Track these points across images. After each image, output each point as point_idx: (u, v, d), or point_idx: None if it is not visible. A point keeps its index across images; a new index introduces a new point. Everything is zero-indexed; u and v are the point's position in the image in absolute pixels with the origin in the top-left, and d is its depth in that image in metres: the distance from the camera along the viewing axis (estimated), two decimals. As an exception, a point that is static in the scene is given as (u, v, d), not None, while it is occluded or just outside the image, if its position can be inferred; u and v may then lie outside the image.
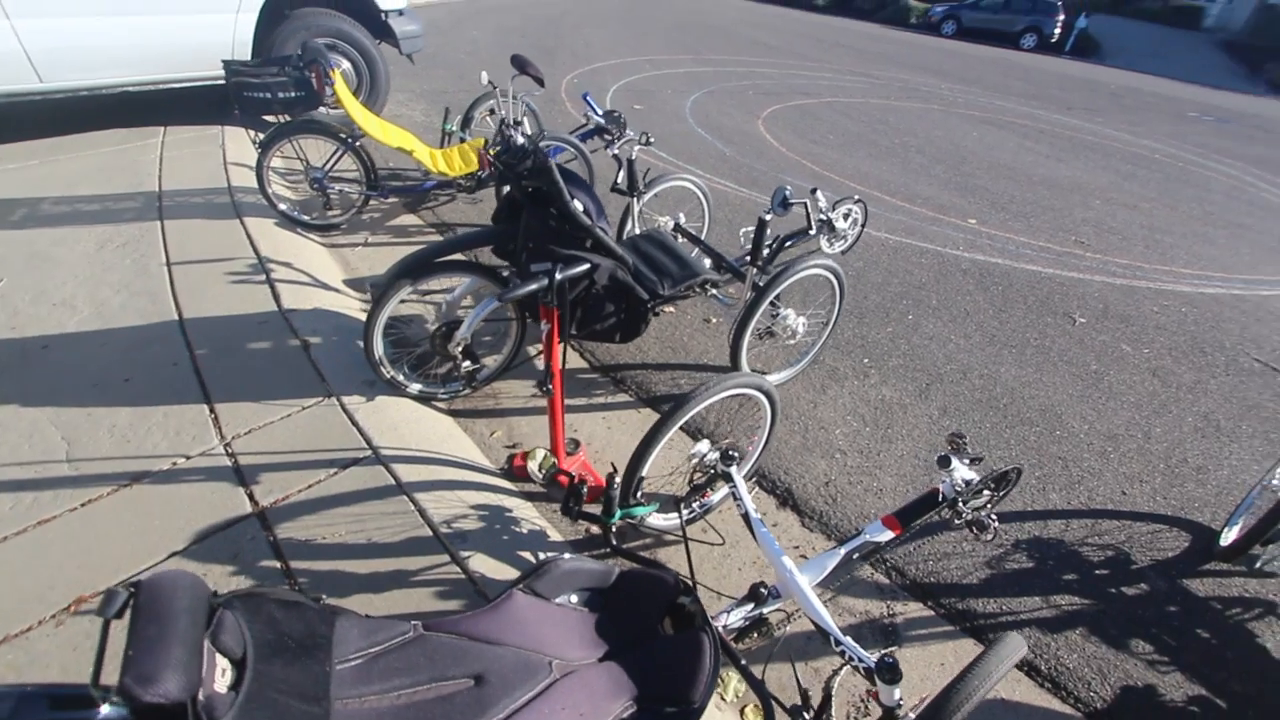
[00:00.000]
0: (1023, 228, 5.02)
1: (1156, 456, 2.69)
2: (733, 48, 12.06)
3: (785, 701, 1.34)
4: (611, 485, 1.70)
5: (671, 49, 11.01)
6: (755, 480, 2.35)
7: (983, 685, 1.10)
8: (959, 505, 1.66)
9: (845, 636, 1.48)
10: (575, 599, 1.58)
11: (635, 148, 2.93)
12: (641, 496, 1.90)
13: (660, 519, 2.02)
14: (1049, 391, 3.01)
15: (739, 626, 1.64)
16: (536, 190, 2.11)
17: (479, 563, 1.86)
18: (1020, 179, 6.27)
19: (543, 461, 2.18)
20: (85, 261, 3.13)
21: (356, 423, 2.30)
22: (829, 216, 2.93)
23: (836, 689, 1.32)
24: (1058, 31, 20.96)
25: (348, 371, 2.56)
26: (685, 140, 6.14)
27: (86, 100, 4.40)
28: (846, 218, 3.04)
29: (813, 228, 2.48)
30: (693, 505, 2.03)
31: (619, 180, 3.00)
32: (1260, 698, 1.81)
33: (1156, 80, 16.72)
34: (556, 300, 1.82)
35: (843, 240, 3.11)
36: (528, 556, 1.92)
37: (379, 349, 2.31)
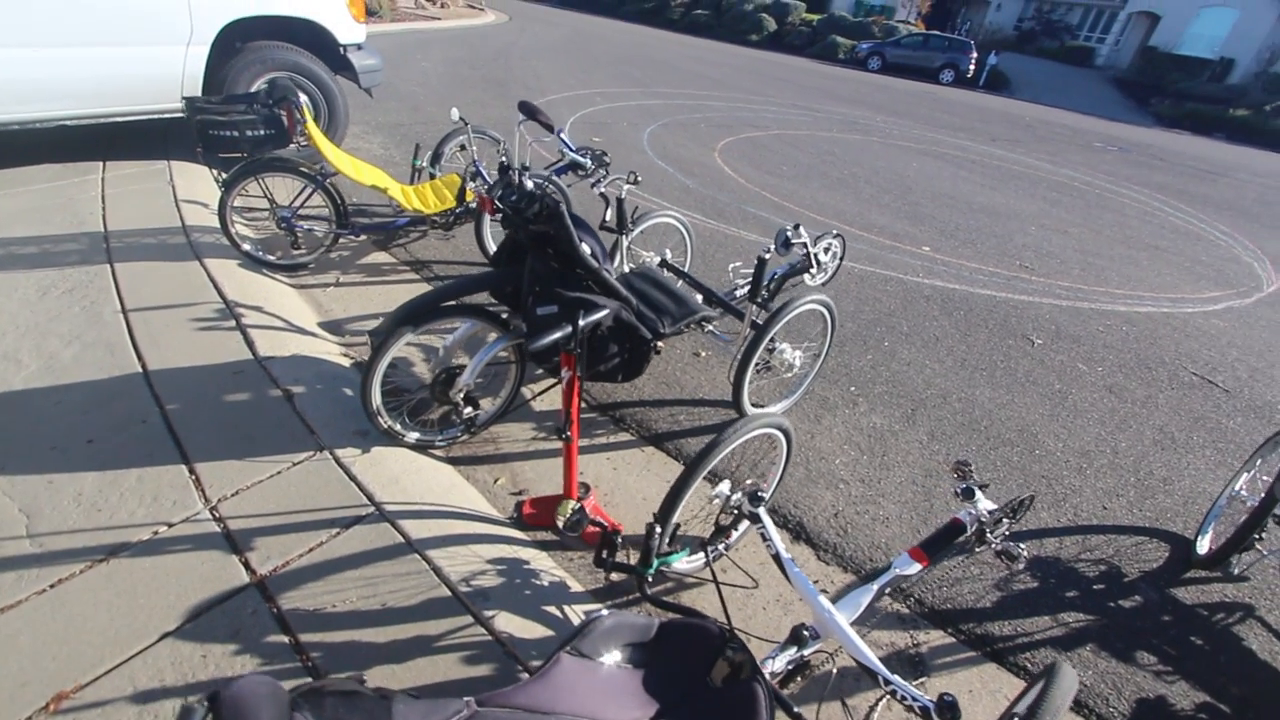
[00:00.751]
0: (972, 254, 5.31)
1: (1126, 470, 2.86)
2: (679, 81, 12.40)
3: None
4: (652, 535, 1.67)
5: (620, 82, 11.22)
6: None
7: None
8: (987, 535, 1.71)
9: (894, 675, 1.50)
10: (619, 656, 1.53)
11: (625, 186, 2.95)
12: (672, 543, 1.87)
13: (684, 563, 2.00)
14: (1022, 412, 3.17)
15: (784, 671, 1.62)
16: (543, 234, 2.08)
17: (504, 622, 1.78)
18: (961, 207, 6.66)
19: (568, 510, 2.11)
20: (26, 310, 2.88)
21: (354, 477, 2.18)
22: (813, 251, 3.03)
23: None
24: (972, 68, 22.63)
25: (337, 421, 2.43)
26: (647, 173, 6.23)
27: (15, 134, 4.10)
28: (827, 251, 3.16)
29: (813, 265, 2.54)
30: (718, 547, 2.02)
31: (607, 218, 3.01)
32: (1257, 699, 1.92)
33: (1062, 113, 18.21)
34: (578, 346, 1.79)
35: (824, 273, 3.22)
36: (553, 611, 1.85)
37: (377, 398, 2.21)
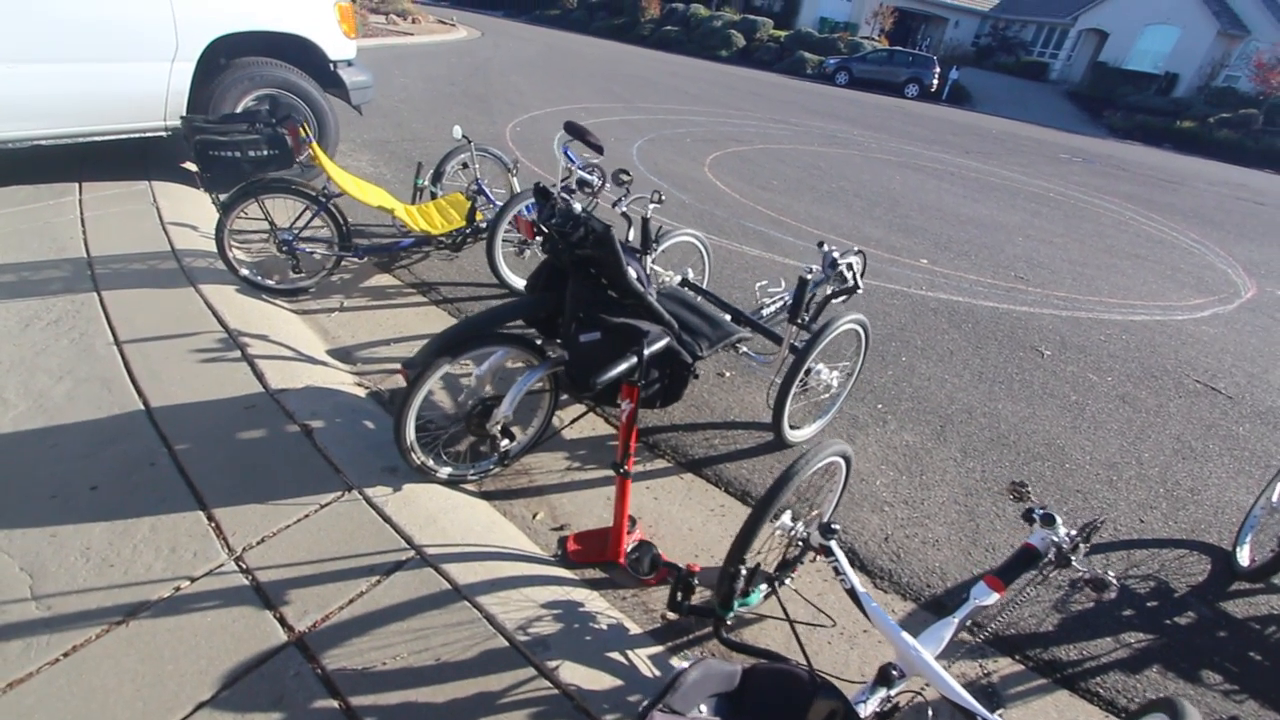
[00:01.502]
0: (968, 265, 5.38)
1: (1154, 481, 2.87)
2: (659, 96, 12.45)
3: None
4: (736, 577, 1.58)
5: (602, 97, 11.21)
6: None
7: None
8: (1073, 563, 1.67)
9: (994, 715, 1.43)
10: (707, 709, 1.44)
11: (650, 206, 2.89)
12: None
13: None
14: (1045, 425, 3.17)
15: (874, 715, 1.55)
16: (587, 258, 2.00)
17: (569, 673, 1.67)
18: (949, 219, 6.77)
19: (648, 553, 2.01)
20: (8, 343, 2.67)
21: (389, 518, 2.05)
22: (855, 271, 3.01)
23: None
24: (935, 82, 23.30)
25: (362, 458, 2.29)
26: (643, 189, 6.18)
27: (-16, 155, 3.86)
28: (850, 269, 3.14)
29: (859, 286, 2.50)
30: (785, 583, 1.94)
31: (630, 238, 2.93)
32: (1324, 716, 1.91)
33: (1024, 125, 18.83)
34: (641, 378, 1.71)
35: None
36: (617, 658, 1.75)
37: (411, 433, 2.09)
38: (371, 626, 1.73)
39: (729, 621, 1.64)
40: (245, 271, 3.25)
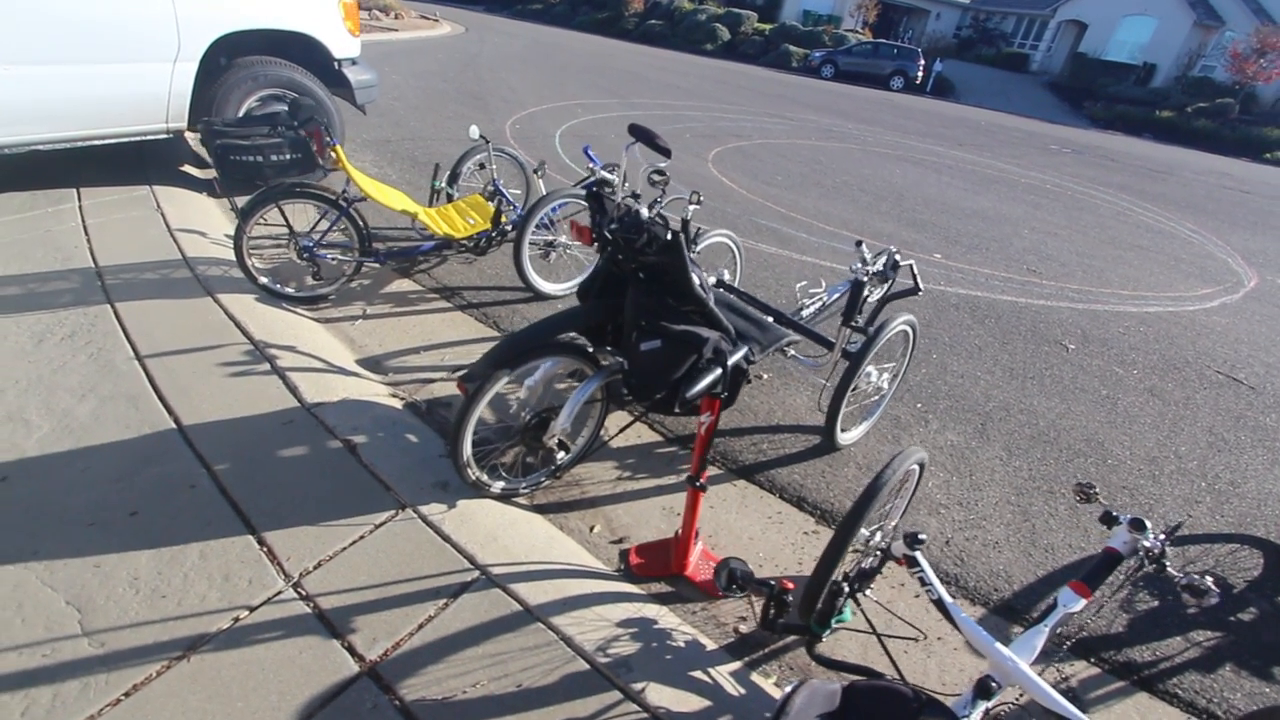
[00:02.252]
0: (981, 259, 5.39)
1: (1195, 475, 2.88)
2: (651, 92, 12.36)
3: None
4: (839, 593, 1.53)
5: (595, 93, 11.10)
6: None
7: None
8: (1168, 568, 1.64)
9: (1101, 727, 1.40)
10: (811, 732, 1.40)
11: (691, 207, 2.82)
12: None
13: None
14: (1082, 421, 3.17)
15: (978, 730, 1.51)
16: (652, 265, 1.94)
17: (656, 695, 1.62)
18: (954, 212, 6.78)
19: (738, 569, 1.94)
20: (22, 361, 2.55)
21: (448, 537, 1.98)
22: (880, 267, 2.97)
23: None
24: (920, 74, 23.41)
25: (411, 474, 2.21)
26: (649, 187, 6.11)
27: (-22, 161, 3.69)
28: (884, 267, 3.11)
29: (920, 287, 2.46)
30: (866, 594, 1.90)
31: (667, 239, 2.86)
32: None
33: (1008, 117, 18.99)
34: (724, 389, 1.65)
35: (877, 288, 3.17)
36: (700, 677, 1.70)
37: (468, 448, 2.01)
38: (446, 653, 1.66)
39: (824, 638, 1.59)
40: (264, 280, 3.14)
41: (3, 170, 4.07)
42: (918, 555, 1.69)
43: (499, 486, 2.18)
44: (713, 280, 3.01)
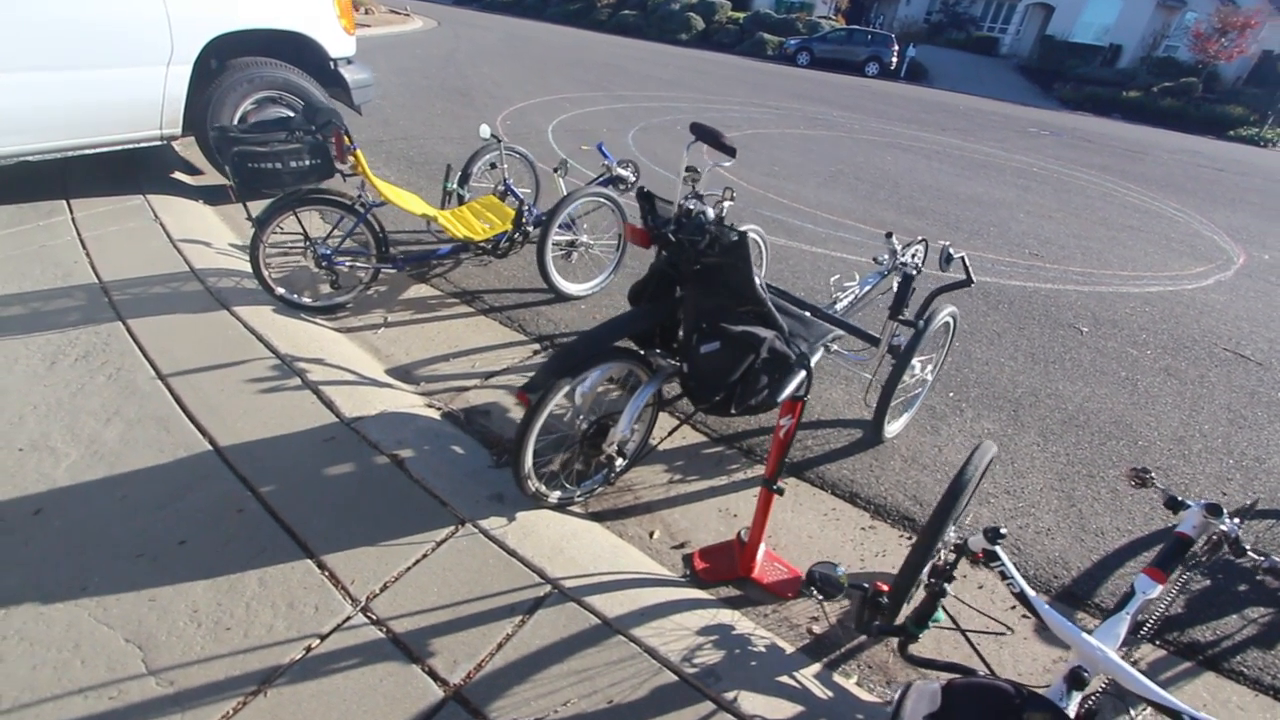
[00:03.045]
0: (984, 245, 5.44)
1: (1221, 453, 2.94)
2: (634, 84, 12.25)
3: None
4: (941, 593, 1.52)
5: (579, 86, 10.96)
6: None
7: None
8: (1248, 551, 1.66)
9: (1201, 713, 1.42)
10: (919, 733, 1.39)
11: (726, 205, 2.78)
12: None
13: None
14: (1107, 403, 3.21)
15: (1078, 718, 1.52)
16: (713, 266, 1.90)
17: (749, 704, 1.60)
18: (950, 198, 6.84)
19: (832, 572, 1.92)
20: (37, 385, 2.43)
21: (514, 551, 1.93)
22: (910, 258, 2.97)
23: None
24: (894, 60, 23.57)
25: (464, 487, 2.16)
26: (652, 181, 6.06)
27: (-39, 175, 3.52)
28: (913, 258, 3.11)
29: (972, 279, 2.46)
30: (948, 591, 1.89)
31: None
32: None
33: (983, 100, 19.22)
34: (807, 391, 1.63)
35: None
36: (788, 683, 1.68)
37: (529, 460, 1.96)
38: (530, 672, 1.62)
39: (919, 639, 1.58)
40: (281, 290, 3.04)
41: (-15, 183, 3.89)
42: (997, 549, 1.69)
43: (556, 496, 2.13)
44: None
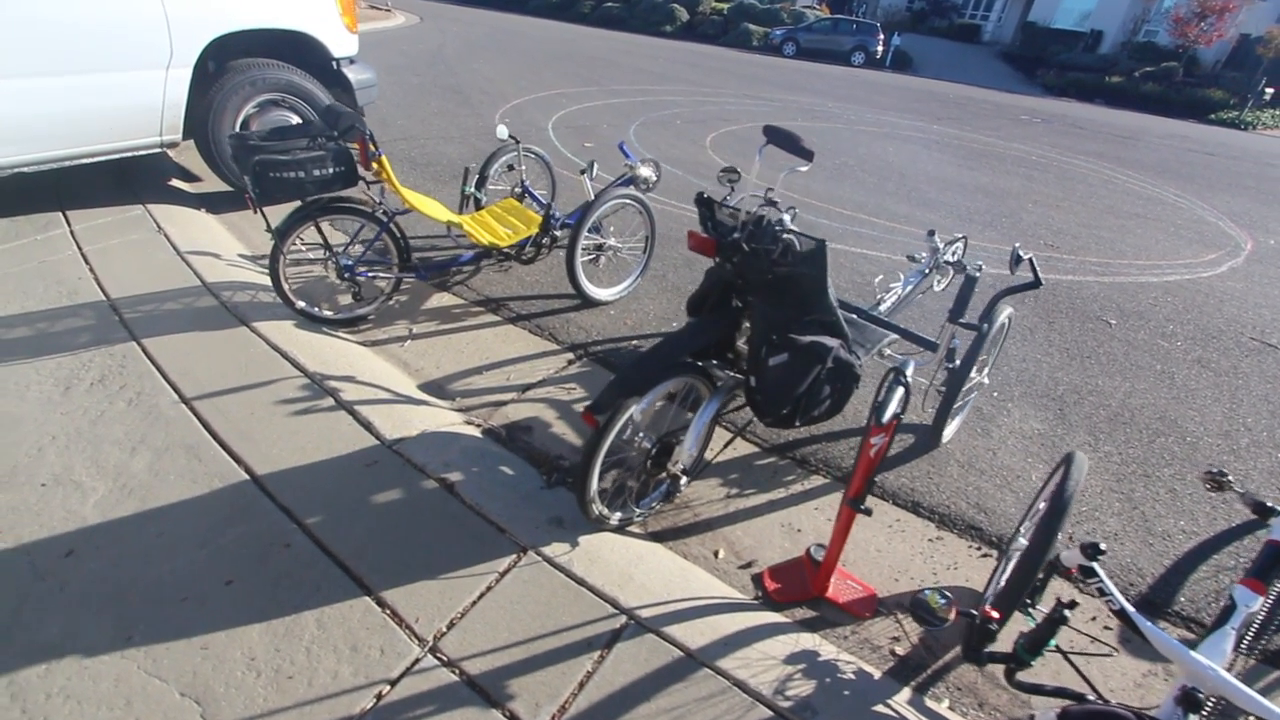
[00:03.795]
0: (997, 236, 5.40)
1: (1269, 446, 2.91)
2: (626, 77, 12.09)
3: None
4: (1061, 618, 1.45)
5: (572, 81, 10.80)
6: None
7: None
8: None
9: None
10: (1046, 767, 1.32)
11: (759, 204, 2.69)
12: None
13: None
14: (1150, 398, 3.17)
15: (1195, 747, 1.46)
16: (783, 276, 1.81)
17: (850, 738, 1.52)
18: (956, 189, 6.79)
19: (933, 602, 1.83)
20: (54, 413, 2.30)
21: (582, 580, 1.84)
22: (955, 257, 2.91)
23: None
24: (879, 49, 23.54)
25: (520, 511, 2.06)
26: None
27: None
28: (954, 255, 3.05)
29: (1040, 280, 2.39)
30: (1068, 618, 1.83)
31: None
32: None
33: (970, 88, 19.24)
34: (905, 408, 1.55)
35: (946, 277, 3.11)
36: (883, 710, 1.61)
37: (595, 484, 1.87)
38: (617, 712, 1.53)
39: (1031, 665, 1.51)
40: (301, 304, 2.90)
41: (-24, 196, 3.70)
42: (1094, 566, 1.62)
43: (617, 517, 2.04)
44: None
